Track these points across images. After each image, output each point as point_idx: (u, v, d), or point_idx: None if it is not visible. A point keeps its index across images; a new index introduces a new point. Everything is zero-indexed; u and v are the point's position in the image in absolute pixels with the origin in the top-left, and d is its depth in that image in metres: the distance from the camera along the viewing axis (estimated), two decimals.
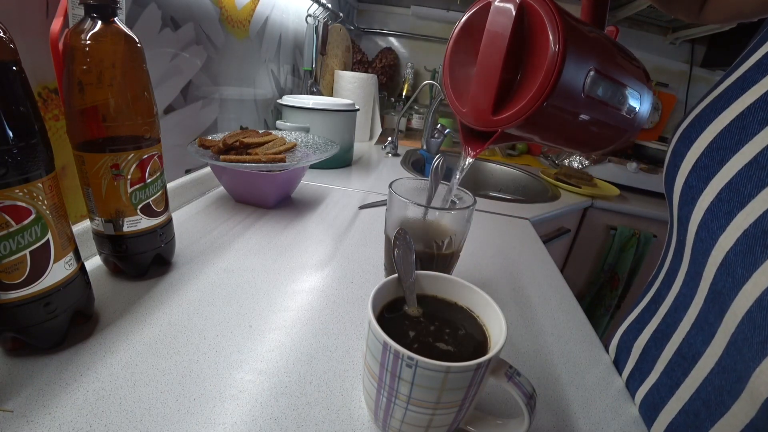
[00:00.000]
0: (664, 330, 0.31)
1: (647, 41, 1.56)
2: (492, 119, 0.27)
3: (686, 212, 0.28)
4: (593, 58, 0.26)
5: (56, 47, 0.31)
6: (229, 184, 0.63)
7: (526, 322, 0.43)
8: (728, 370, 0.24)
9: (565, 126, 0.29)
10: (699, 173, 0.27)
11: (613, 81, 0.28)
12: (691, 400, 0.27)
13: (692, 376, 0.27)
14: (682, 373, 0.28)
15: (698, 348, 0.27)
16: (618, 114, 0.30)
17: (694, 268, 0.28)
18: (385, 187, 0.43)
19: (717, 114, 0.27)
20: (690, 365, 0.28)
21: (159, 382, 0.29)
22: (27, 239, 0.26)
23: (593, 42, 0.27)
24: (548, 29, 0.24)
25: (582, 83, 0.26)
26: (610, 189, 1.15)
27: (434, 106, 1.11)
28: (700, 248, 0.27)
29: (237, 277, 0.44)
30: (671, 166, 0.31)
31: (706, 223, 0.26)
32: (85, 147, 0.33)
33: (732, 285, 0.23)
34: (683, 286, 0.30)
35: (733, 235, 0.23)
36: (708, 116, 0.28)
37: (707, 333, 0.26)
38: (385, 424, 0.26)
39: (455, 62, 0.31)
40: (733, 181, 0.24)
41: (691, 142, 0.28)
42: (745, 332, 0.22)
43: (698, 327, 0.27)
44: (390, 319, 0.28)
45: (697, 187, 0.27)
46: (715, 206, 0.25)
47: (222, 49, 0.68)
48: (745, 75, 0.26)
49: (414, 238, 0.33)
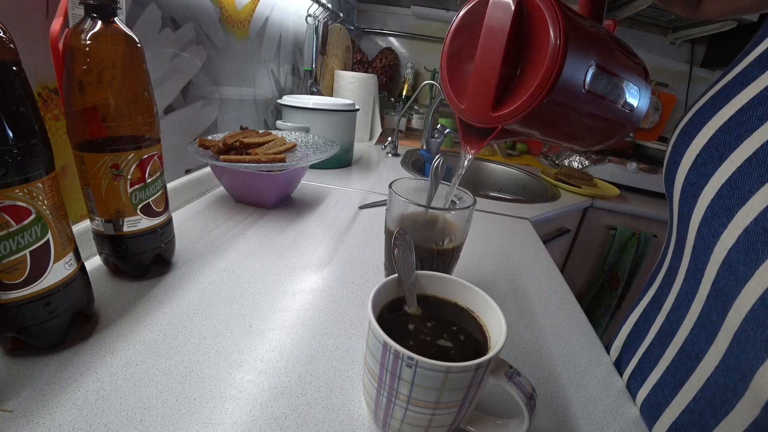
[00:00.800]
0: (668, 328, 0.31)
1: (647, 41, 1.56)
2: (492, 115, 0.27)
3: (687, 209, 0.28)
4: (594, 53, 0.26)
5: (56, 47, 0.31)
6: (229, 184, 0.63)
7: (526, 322, 0.43)
8: (732, 368, 0.24)
9: (565, 121, 0.28)
10: (699, 170, 0.27)
11: (614, 75, 0.28)
12: (696, 399, 0.27)
13: (696, 375, 0.27)
14: (686, 372, 0.28)
15: (702, 346, 0.27)
16: (618, 108, 0.30)
17: (695, 265, 0.28)
18: (385, 187, 0.43)
19: (717, 110, 0.27)
20: (694, 363, 0.27)
21: (159, 382, 0.29)
22: (27, 239, 0.26)
23: (594, 36, 0.27)
24: (549, 23, 0.23)
25: (583, 78, 0.25)
26: (610, 189, 1.15)
27: (434, 106, 1.11)
28: (702, 246, 0.26)
29: (237, 277, 0.44)
30: (671, 163, 0.30)
31: (707, 220, 0.26)
32: (85, 147, 0.33)
33: (734, 282, 0.23)
34: (684, 283, 0.30)
35: (735, 233, 0.23)
36: (708, 112, 0.27)
37: (710, 331, 0.26)
38: (385, 424, 0.26)
39: (453, 58, 0.30)
40: (733, 177, 0.24)
41: (690, 139, 0.28)
42: (749, 330, 0.22)
43: (701, 325, 0.27)
44: (390, 319, 0.28)
45: (697, 184, 0.27)
46: (715, 203, 0.25)
47: (222, 49, 0.68)
48: (745, 70, 0.26)
49: (414, 238, 0.33)
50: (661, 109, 1.64)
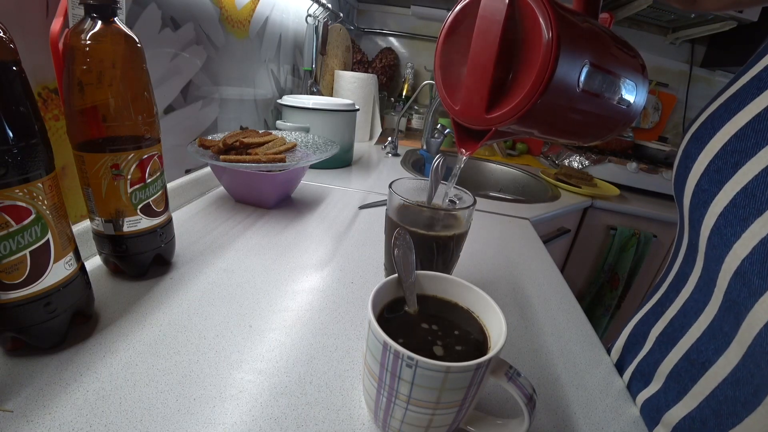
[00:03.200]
0: (671, 334, 0.31)
1: (647, 41, 1.56)
2: (486, 117, 0.26)
3: (698, 216, 0.27)
4: (588, 51, 0.25)
5: (56, 47, 0.31)
6: (229, 184, 0.63)
7: (526, 322, 0.43)
8: (743, 381, 0.23)
9: (560, 120, 0.28)
10: (711, 176, 0.26)
11: (609, 73, 0.27)
12: (700, 407, 0.26)
13: (702, 384, 0.26)
14: (690, 380, 0.27)
15: (710, 356, 0.26)
16: (614, 105, 0.29)
17: (707, 274, 0.27)
18: (385, 187, 0.43)
19: (731, 115, 0.26)
20: (699, 372, 0.27)
21: (159, 382, 0.29)
22: (27, 239, 0.26)
23: (588, 34, 0.26)
24: (540, 23, 0.23)
25: (577, 77, 0.25)
26: (610, 189, 1.15)
27: (434, 106, 1.11)
28: (713, 255, 0.26)
29: (237, 277, 0.44)
30: (681, 168, 0.29)
31: (719, 229, 0.25)
32: (85, 147, 0.33)
33: (748, 295, 0.22)
34: (695, 291, 0.29)
35: (749, 244, 0.22)
36: (722, 117, 0.27)
37: (721, 342, 0.25)
38: (385, 424, 0.26)
39: (446, 60, 0.30)
40: (749, 186, 0.23)
41: (703, 144, 0.27)
42: (764, 345, 0.21)
43: (710, 335, 0.26)
44: (390, 319, 0.28)
45: (709, 191, 0.26)
46: (729, 212, 0.24)
47: (222, 49, 0.68)
48: (760, 74, 0.25)
49: (414, 237, 0.33)
50: (660, 109, 1.64)
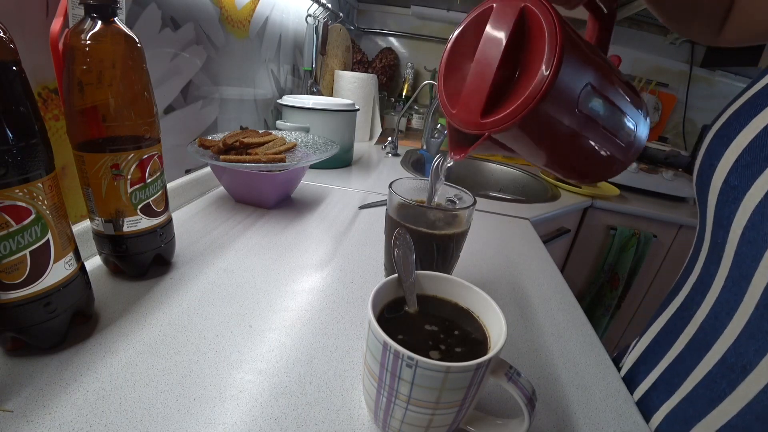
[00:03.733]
0: (703, 338, 0.29)
1: (647, 41, 1.56)
2: (480, 122, 0.27)
3: (727, 213, 0.27)
4: (590, 74, 0.26)
5: (56, 47, 0.31)
6: (229, 184, 0.63)
7: (526, 322, 0.43)
8: None
9: (554, 142, 0.28)
10: (741, 172, 0.25)
11: (609, 102, 0.28)
12: (741, 414, 0.25)
13: (742, 389, 0.25)
14: (728, 385, 0.26)
15: (750, 358, 0.25)
16: (611, 138, 0.29)
17: (738, 272, 0.26)
18: (385, 187, 0.43)
19: (758, 110, 0.25)
20: (739, 377, 0.25)
21: (159, 382, 0.29)
22: (27, 239, 0.26)
23: (592, 58, 0.27)
24: (546, 35, 0.23)
25: (577, 96, 0.25)
26: (610, 189, 1.15)
27: (434, 106, 1.11)
28: (749, 251, 0.25)
29: (237, 277, 0.44)
30: (705, 166, 0.29)
31: (755, 225, 0.24)
32: (85, 147, 0.33)
33: None
34: (724, 291, 0.28)
35: None
36: (748, 113, 0.26)
37: (762, 342, 0.24)
38: (385, 424, 0.26)
39: (452, 63, 0.31)
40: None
41: (729, 140, 0.27)
42: None
43: (749, 335, 0.25)
44: (390, 320, 0.28)
45: (739, 187, 0.25)
46: (764, 206, 0.23)
47: (222, 49, 0.68)
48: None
49: (414, 237, 0.33)
50: (660, 109, 1.64)
